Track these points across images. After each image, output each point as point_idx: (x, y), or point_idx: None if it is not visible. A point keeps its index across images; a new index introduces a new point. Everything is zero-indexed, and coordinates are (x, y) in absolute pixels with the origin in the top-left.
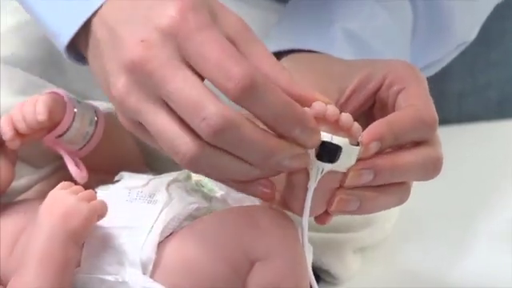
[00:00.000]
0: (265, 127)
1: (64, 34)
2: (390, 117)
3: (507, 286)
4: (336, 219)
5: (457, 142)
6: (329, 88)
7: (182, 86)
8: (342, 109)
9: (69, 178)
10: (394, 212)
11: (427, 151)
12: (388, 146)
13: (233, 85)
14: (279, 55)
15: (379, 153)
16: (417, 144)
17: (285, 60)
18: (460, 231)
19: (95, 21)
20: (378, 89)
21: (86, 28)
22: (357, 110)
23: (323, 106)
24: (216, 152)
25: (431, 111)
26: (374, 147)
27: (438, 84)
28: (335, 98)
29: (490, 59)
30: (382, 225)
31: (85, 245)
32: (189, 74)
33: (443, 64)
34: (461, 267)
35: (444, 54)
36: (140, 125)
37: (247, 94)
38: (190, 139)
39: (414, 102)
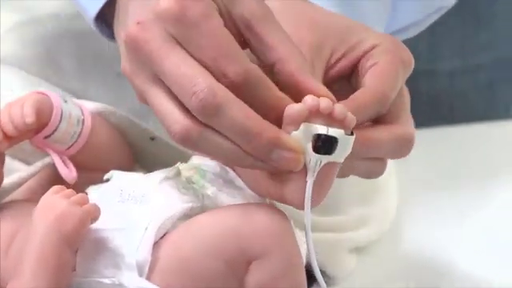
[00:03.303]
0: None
1: (91, 8)
2: (355, 97)
3: (505, 286)
4: (332, 219)
5: (454, 143)
6: (324, 43)
7: (176, 63)
8: (328, 70)
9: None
10: (391, 212)
11: (400, 129)
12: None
13: (228, 80)
14: None
15: None
16: (388, 123)
17: (278, 1)
18: (456, 232)
19: None
20: (361, 58)
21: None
22: (341, 74)
23: (316, 99)
24: (207, 131)
25: (388, 91)
26: None
27: (429, 63)
28: (327, 55)
29: (479, 41)
30: (377, 225)
31: (79, 248)
32: (182, 53)
33: (422, 27)
34: (458, 266)
35: (424, 15)
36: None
37: (242, 87)
38: (182, 117)
39: (375, 82)
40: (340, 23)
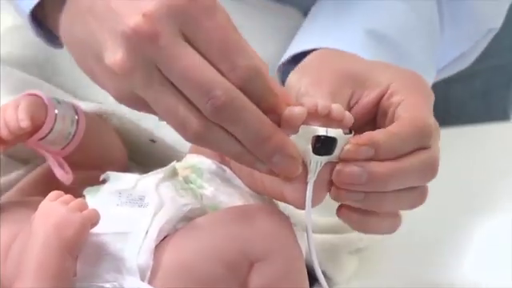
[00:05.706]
0: None
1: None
2: (390, 127)
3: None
4: (332, 220)
5: (454, 145)
6: (342, 89)
7: (189, 66)
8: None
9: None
10: None
11: (424, 155)
12: (384, 154)
13: (238, 74)
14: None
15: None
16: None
17: (310, 55)
18: (457, 233)
19: None
20: (381, 97)
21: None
22: (363, 116)
23: (314, 101)
24: (218, 130)
25: (428, 119)
26: (364, 151)
27: None
28: (346, 99)
29: None
30: None
31: (80, 254)
32: (193, 53)
33: (475, 54)
34: (457, 269)
35: (472, 42)
36: (138, 99)
37: (251, 82)
38: (197, 117)
39: (411, 114)
40: (359, 68)
